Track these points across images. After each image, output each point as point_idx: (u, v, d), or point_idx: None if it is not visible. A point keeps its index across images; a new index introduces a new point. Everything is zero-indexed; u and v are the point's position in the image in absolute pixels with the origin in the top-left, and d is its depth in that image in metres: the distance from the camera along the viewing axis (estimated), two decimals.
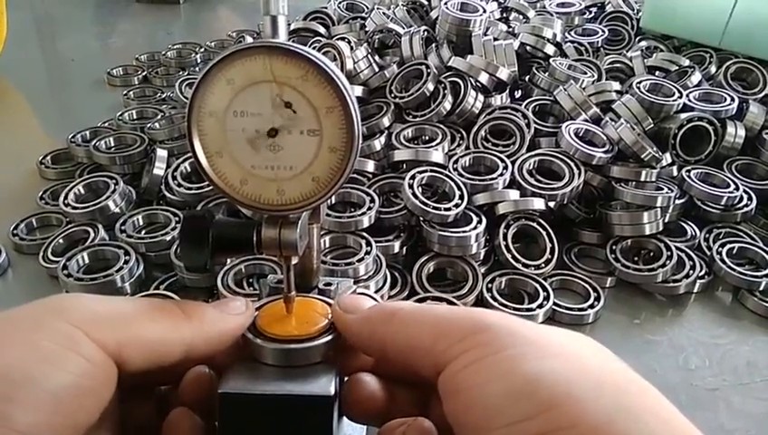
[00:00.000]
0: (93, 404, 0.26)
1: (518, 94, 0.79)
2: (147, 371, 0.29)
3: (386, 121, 0.71)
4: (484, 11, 0.80)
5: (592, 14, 1.02)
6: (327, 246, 0.60)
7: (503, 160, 0.65)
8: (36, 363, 0.25)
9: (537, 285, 0.57)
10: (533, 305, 0.55)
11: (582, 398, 0.23)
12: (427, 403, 0.32)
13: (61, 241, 0.62)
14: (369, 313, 0.32)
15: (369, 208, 0.60)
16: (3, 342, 0.26)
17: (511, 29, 0.87)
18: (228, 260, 0.57)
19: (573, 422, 0.23)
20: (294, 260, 0.34)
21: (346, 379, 0.33)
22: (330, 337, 0.33)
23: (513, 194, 0.62)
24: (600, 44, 0.92)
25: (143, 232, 0.63)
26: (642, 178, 0.64)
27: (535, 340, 0.26)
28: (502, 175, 0.63)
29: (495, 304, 0.55)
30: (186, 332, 0.30)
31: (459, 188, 0.62)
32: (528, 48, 0.82)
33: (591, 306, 0.57)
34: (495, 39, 0.78)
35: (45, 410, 0.24)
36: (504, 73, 0.74)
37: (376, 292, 0.54)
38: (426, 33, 0.80)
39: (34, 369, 0.25)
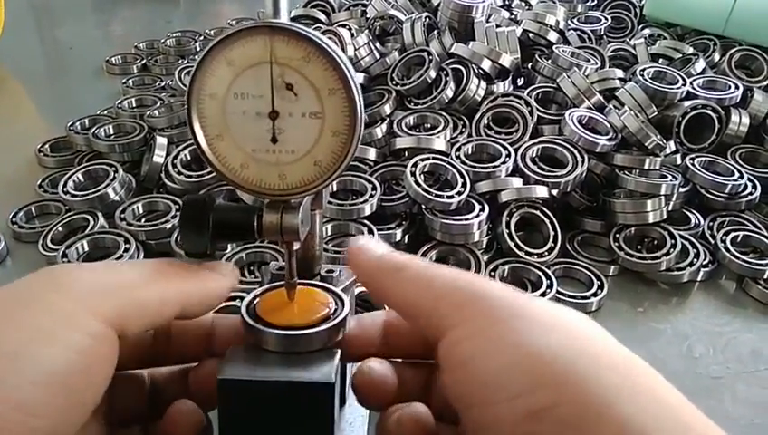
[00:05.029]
0: (99, 382, 0.26)
1: (521, 81, 0.78)
2: (138, 345, 0.30)
3: (387, 109, 0.70)
4: None
5: (595, 2, 1.01)
6: (329, 233, 0.59)
7: (505, 148, 0.64)
8: (32, 343, 0.24)
9: (540, 274, 0.57)
10: (536, 294, 0.55)
11: (583, 376, 0.23)
12: (432, 383, 0.32)
13: (60, 229, 0.62)
14: (378, 263, 0.31)
15: (371, 196, 0.59)
16: None
17: (513, 16, 0.86)
18: (230, 247, 0.56)
19: (573, 399, 0.22)
20: (296, 246, 0.34)
21: (356, 366, 0.32)
22: (332, 324, 0.32)
23: (516, 182, 0.61)
24: (603, 32, 0.91)
25: (143, 220, 0.62)
26: (646, 166, 0.64)
27: (536, 313, 0.26)
28: (504, 163, 0.62)
29: None
30: (182, 290, 0.30)
31: (462, 176, 0.61)
32: (531, 35, 0.81)
33: (595, 295, 0.56)
34: (498, 26, 0.77)
35: (46, 389, 0.23)
36: (506, 60, 0.73)
37: None
38: (427, 19, 0.79)
39: (31, 348, 0.23)
